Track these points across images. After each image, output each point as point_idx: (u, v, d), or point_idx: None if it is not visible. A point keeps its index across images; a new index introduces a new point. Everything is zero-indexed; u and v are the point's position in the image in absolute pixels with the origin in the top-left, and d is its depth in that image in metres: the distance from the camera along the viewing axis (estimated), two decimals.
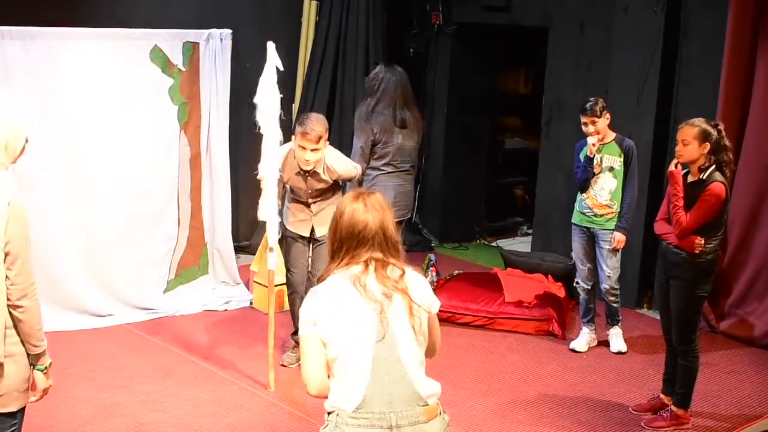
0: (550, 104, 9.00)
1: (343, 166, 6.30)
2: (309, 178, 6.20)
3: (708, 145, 5.39)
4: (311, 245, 6.44)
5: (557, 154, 8.86)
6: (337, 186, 6.43)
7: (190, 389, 6.08)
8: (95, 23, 7.21)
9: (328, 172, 6.19)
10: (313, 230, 6.38)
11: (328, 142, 6.13)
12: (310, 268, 6.47)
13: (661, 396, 5.95)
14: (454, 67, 9.98)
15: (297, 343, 6.28)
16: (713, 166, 5.42)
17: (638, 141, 7.68)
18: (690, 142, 5.40)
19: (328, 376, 3.32)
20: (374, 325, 3.26)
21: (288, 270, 6.50)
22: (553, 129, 8.97)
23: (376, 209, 3.43)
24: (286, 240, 6.48)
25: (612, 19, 8.12)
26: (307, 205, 6.35)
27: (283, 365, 6.46)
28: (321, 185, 6.27)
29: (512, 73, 11.27)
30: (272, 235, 6.13)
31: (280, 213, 6.33)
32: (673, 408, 5.74)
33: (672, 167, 5.57)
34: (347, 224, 3.39)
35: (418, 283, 3.42)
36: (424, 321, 3.37)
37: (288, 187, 6.38)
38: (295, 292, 6.46)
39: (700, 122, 5.44)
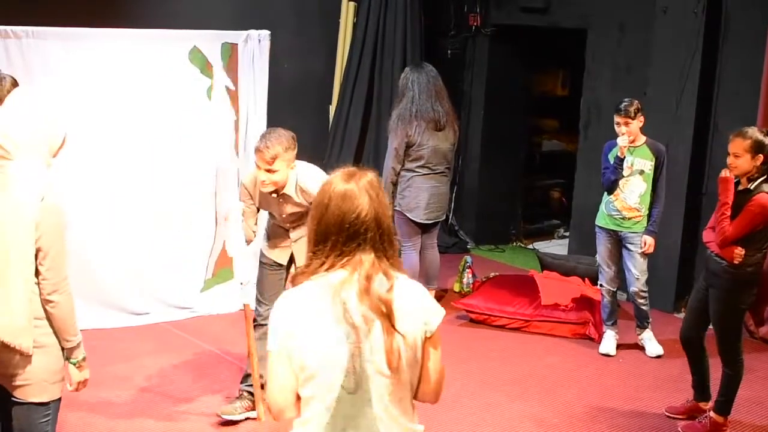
0: (588, 106, 8.96)
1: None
2: (281, 201, 5.39)
3: (762, 157, 5.24)
4: (287, 275, 5.66)
5: (595, 157, 8.79)
6: None
7: (225, 388, 6.10)
8: (135, 24, 7.26)
9: (302, 194, 5.30)
10: (292, 258, 5.58)
11: (294, 163, 5.30)
12: None
13: (696, 402, 5.89)
14: (492, 69, 9.96)
15: (242, 393, 5.69)
16: (763, 177, 5.30)
17: (677, 144, 7.65)
18: (742, 155, 5.27)
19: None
20: (346, 356, 2.76)
21: (258, 301, 5.67)
22: (591, 131, 8.92)
23: (370, 194, 2.84)
24: (261, 266, 5.67)
25: (651, 21, 8.06)
26: (286, 231, 5.56)
27: (218, 416, 5.62)
28: (295, 209, 5.39)
29: (550, 75, 11.22)
30: (240, 269, 5.48)
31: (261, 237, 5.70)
32: (712, 414, 5.67)
33: (724, 173, 5.44)
34: (336, 212, 2.82)
35: (408, 301, 2.84)
36: (406, 351, 2.80)
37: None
38: (260, 326, 5.55)
39: (753, 133, 5.28)
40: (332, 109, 9.50)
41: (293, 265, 5.58)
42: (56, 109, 3.75)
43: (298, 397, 2.83)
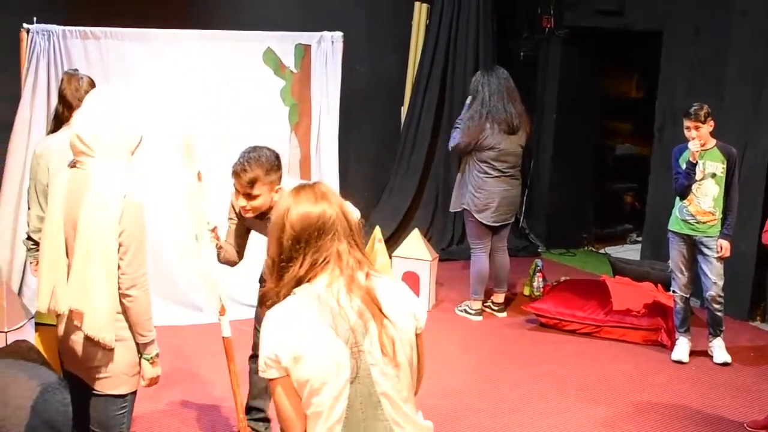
0: (663, 110, 8.84)
1: None
2: (267, 225, 4.73)
3: None
4: None
5: (669, 161, 8.69)
6: None
7: None
8: (210, 25, 7.36)
9: None
10: None
11: (279, 185, 4.66)
12: None
13: None
14: (565, 71, 9.89)
15: None
16: None
17: (755, 148, 7.51)
18: None
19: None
20: (346, 362, 2.70)
21: (255, 328, 5.21)
22: (666, 135, 8.79)
23: (327, 197, 2.81)
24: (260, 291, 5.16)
25: (728, 23, 7.93)
26: None
27: None
28: None
29: (624, 78, 11.10)
30: (217, 294, 4.94)
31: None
32: None
33: None
34: (300, 216, 2.76)
35: (395, 296, 2.83)
36: (403, 344, 2.78)
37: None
38: (257, 356, 5.30)
39: None
40: (404, 110, 9.51)
41: None
42: (134, 109, 3.84)
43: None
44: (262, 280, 5.11)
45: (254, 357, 5.17)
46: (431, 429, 2.90)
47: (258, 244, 5.25)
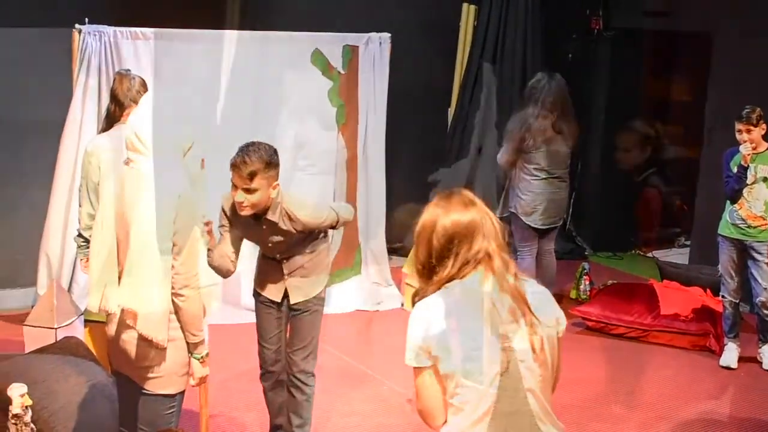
0: (712, 112, 8.74)
1: (309, 212, 4.73)
2: (264, 228, 4.70)
3: None
4: (287, 313, 5.02)
5: (719, 164, 8.59)
6: (314, 237, 4.89)
7: (340, 387, 6.17)
8: (258, 26, 7.41)
9: (290, 222, 4.67)
10: (287, 294, 4.93)
11: (277, 182, 4.58)
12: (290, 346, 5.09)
13: None
14: (614, 73, 9.82)
15: None
16: None
17: None
18: None
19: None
20: (497, 356, 2.80)
21: (259, 343, 5.12)
22: (715, 138, 8.69)
23: (475, 203, 2.94)
24: (256, 304, 5.11)
25: None
26: (278, 263, 4.90)
27: None
28: (279, 238, 4.73)
29: (673, 80, 11.00)
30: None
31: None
32: None
33: None
34: (452, 220, 2.88)
35: (539, 298, 2.92)
36: (548, 344, 2.87)
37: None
38: (268, 373, 5.12)
39: None
40: (451, 111, 9.50)
41: (286, 300, 4.97)
42: (189, 112, 3.89)
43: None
44: (255, 294, 5.11)
45: (266, 374, 5.15)
46: (564, 431, 2.98)
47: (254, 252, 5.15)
